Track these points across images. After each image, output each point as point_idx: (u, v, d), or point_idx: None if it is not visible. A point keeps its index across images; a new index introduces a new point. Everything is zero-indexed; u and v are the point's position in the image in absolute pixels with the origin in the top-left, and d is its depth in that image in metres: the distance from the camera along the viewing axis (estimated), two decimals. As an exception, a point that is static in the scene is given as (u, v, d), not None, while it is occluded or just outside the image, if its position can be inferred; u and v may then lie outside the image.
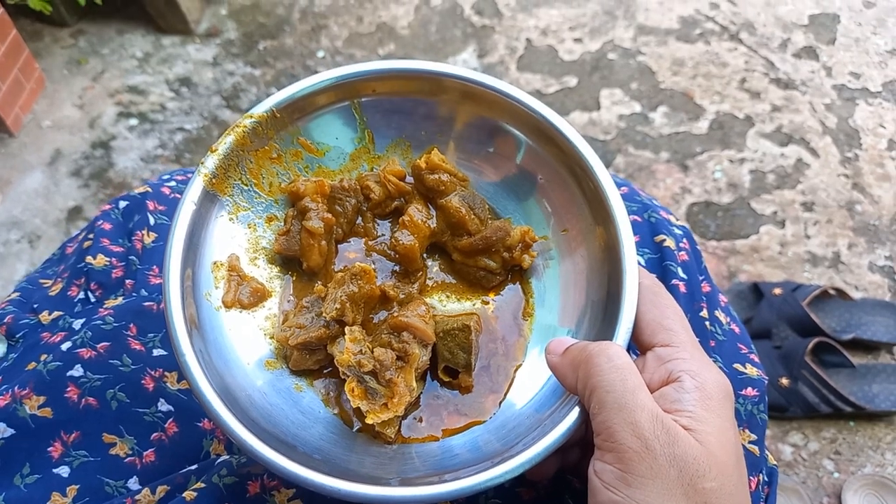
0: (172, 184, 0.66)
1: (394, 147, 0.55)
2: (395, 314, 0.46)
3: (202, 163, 0.47)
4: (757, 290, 1.30)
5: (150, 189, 0.64)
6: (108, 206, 0.62)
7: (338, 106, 0.52)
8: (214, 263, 0.48)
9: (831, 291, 1.25)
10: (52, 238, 1.43)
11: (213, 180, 0.48)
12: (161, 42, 1.75)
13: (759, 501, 0.53)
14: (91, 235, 0.60)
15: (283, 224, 0.51)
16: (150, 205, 0.63)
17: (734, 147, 1.53)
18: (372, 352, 0.44)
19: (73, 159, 1.54)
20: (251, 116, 0.49)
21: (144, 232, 0.60)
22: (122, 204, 0.63)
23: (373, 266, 0.49)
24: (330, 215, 0.50)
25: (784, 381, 1.17)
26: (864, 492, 1.11)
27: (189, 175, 0.58)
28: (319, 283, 0.50)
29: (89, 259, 0.58)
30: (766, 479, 0.52)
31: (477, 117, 0.52)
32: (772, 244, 1.40)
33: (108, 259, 0.58)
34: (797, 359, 1.17)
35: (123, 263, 0.59)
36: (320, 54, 1.75)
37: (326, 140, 0.53)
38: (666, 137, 1.55)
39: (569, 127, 0.49)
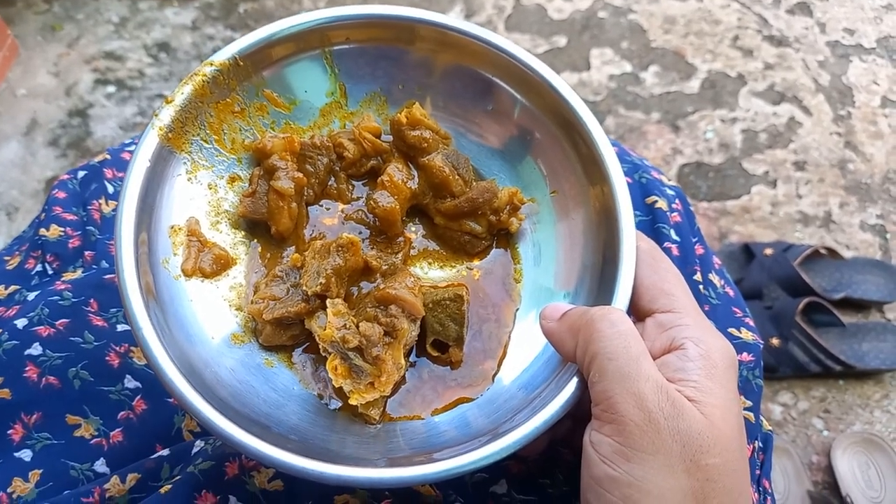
0: (133, 149, 0.63)
1: (368, 102, 0.51)
2: (382, 286, 0.43)
3: (156, 115, 0.43)
4: (748, 251, 1.29)
5: (108, 156, 0.61)
6: (66, 176, 0.59)
7: (308, 55, 0.48)
8: (172, 228, 0.44)
9: (822, 251, 1.25)
10: (29, 210, 1.39)
11: (169, 135, 0.44)
12: (138, 6, 1.69)
13: (754, 469, 0.52)
14: (47, 206, 0.57)
15: (247, 185, 0.48)
16: (108, 172, 0.59)
17: (726, 106, 1.50)
18: (357, 327, 0.41)
19: (49, 128, 1.50)
20: (212, 64, 0.45)
21: (102, 201, 0.58)
22: (81, 174, 0.60)
23: (359, 236, 0.46)
24: (301, 175, 0.46)
25: (774, 341, 1.17)
26: (853, 449, 1.12)
27: None
28: (292, 250, 0.47)
29: (42, 231, 0.55)
30: (761, 445, 0.51)
31: (458, 69, 0.49)
32: (763, 204, 1.38)
33: (62, 229, 0.55)
34: (787, 319, 1.17)
35: (79, 233, 0.56)
36: (302, 16, 1.69)
37: (295, 93, 0.50)
38: (657, 97, 1.52)
39: (560, 80, 0.46)
